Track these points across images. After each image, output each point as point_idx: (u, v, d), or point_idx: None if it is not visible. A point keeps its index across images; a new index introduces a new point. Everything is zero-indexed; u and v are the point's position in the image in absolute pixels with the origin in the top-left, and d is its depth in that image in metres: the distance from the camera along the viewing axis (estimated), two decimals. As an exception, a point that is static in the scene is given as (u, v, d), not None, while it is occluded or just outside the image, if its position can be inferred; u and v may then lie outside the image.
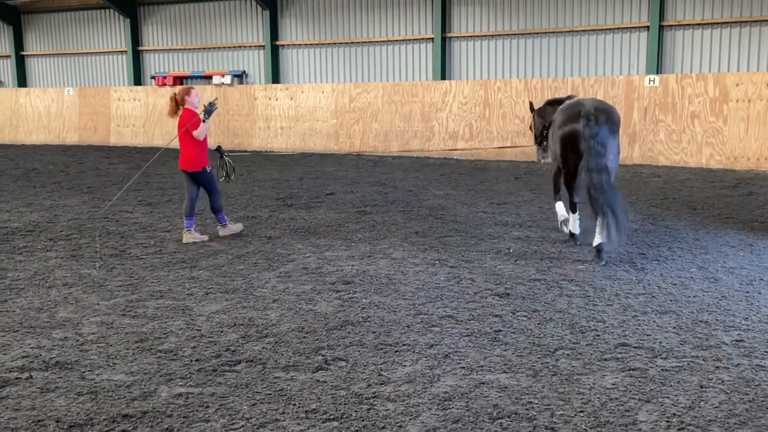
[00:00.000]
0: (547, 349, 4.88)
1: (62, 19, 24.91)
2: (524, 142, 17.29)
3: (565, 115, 7.72)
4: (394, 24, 19.86)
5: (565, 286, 6.40)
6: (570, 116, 7.59)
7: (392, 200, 11.42)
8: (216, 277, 6.81)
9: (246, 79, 22.15)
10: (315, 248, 8.02)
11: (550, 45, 18.07)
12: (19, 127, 24.61)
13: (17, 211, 10.71)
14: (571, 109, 7.72)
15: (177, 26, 22.99)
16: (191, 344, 5.03)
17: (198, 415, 3.94)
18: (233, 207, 10.84)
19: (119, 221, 9.77)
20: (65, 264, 7.38)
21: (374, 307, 5.84)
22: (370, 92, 19.12)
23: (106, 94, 22.94)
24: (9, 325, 5.45)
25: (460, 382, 4.35)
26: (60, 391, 4.25)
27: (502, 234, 8.70)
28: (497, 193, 12.05)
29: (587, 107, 7.43)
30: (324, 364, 4.64)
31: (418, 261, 7.39)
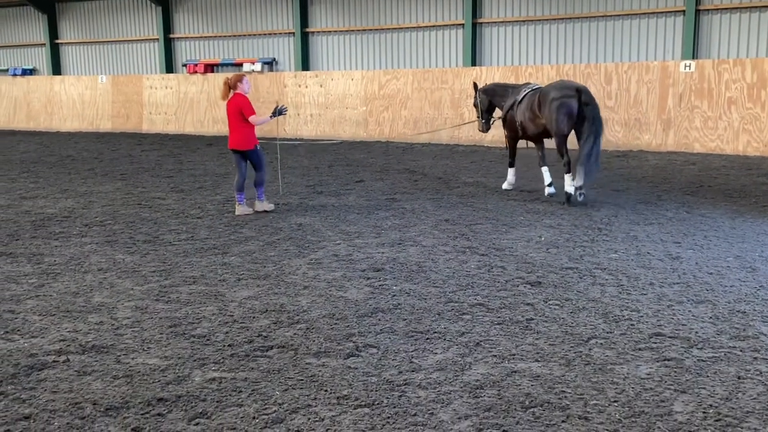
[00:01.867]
0: (580, 338, 4.83)
1: (96, 8, 25.19)
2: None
3: (561, 92, 9.53)
4: (425, 10, 19.72)
5: (598, 275, 6.32)
6: (568, 93, 9.49)
7: (422, 187, 11.38)
8: (247, 264, 6.86)
9: (276, 67, 22.21)
10: (345, 235, 8.03)
11: (583, 30, 17.79)
12: (53, 114, 25.01)
13: (53, 197, 10.89)
14: (563, 89, 9.61)
15: (208, 14, 23.10)
16: (224, 329, 5.07)
17: (231, 399, 3.97)
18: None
19: (152, 207, 9.89)
20: (100, 249, 7.50)
21: (405, 295, 5.83)
22: (400, 79, 19.04)
23: (139, 82, 23.18)
24: (46, 309, 5.55)
25: (491, 370, 4.33)
26: (96, 374, 4.33)
27: (534, 222, 8.63)
28: (528, 181, 11.93)
29: (578, 85, 9.68)
30: (355, 351, 4.65)
31: (449, 248, 7.36)
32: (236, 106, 9.02)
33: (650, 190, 10.92)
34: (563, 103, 9.44)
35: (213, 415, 3.80)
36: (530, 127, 10.12)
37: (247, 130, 9.11)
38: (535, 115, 9.90)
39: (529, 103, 10.08)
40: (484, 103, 11.24)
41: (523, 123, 10.20)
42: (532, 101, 10.01)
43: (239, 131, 9.10)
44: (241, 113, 9.01)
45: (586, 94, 9.45)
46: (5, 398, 4.01)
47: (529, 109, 10.01)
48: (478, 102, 11.29)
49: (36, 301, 5.78)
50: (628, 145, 16.20)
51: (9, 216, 9.36)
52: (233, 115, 9.07)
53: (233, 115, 9.06)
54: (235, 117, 9.06)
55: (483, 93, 11.25)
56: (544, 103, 9.67)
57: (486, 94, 11.21)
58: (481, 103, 11.24)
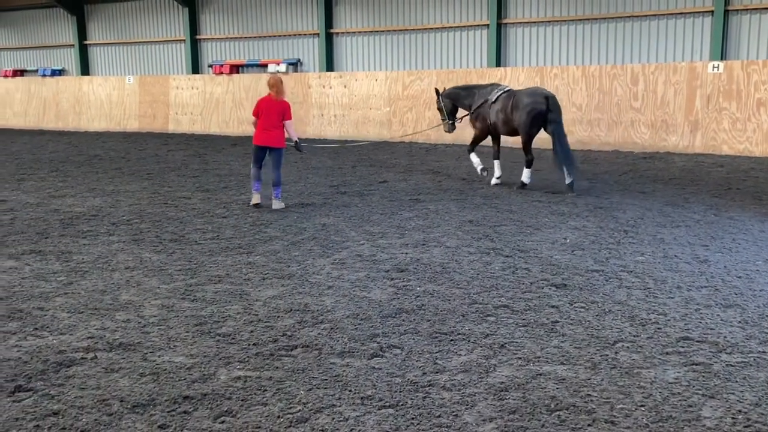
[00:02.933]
0: (606, 342, 4.78)
1: (124, 9, 25.50)
2: (579, 130, 16.98)
3: (533, 99, 10.75)
4: (449, 11, 19.68)
5: (624, 278, 6.26)
6: (535, 99, 10.74)
7: (445, 188, 11.36)
8: (272, 263, 6.89)
9: (300, 67, 22.30)
10: (369, 236, 8.04)
11: (609, 31, 17.64)
12: (82, 114, 25.36)
13: (81, 196, 11.04)
14: (534, 92, 10.93)
15: (234, 15, 23.28)
16: (249, 328, 5.10)
17: (256, 398, 4.00)
18: (288, 194, 10.95)
19: (178, 207, 9.98)
20: (127, 248, 7.58)
21: (428, 296, 5.82)
22: (424, 80, 19.02)
23: (165, 83, 23.43)
24: (75, 307, 5.63)
25: (516, 372, 4.31)
26: (123, 371, 4.38)
27: (558, 224, 8.57)
28: (552, 182, 11.86)
29: (547, 93, 10.95)
30: (379, 351, 4.65)
31: (473, 250, 7.33)
32: (281, 107, 9.65)
33: (677, 192, 10.79)
34: (534, 109, 10.72)
35: (238, 413, 3.82)
36: (501, 127, 11.30)
37: (281, 131, 9.71)
38: (508, 117, 11.09)
39: (503, 105, 11.17)
40: (448, 107, 12.09)
41: (496, 122, 11.32)
42: (505, 105, 11.11)
43: (278, 130, 9.67)
44: (281, 115, 9.64)
45: (553, 101, 10.80)
46: (34, 394, 4.07)
47: (503, 111, 11.15)
48: (441, 106, 12.14)
49: (64, 298, 5.86)
50: (655, 146, 16.03)
51: (38, 214, 9.50)
52: (274, 115, 9.60)
53: (275, 114, 9.60)
54: (276, 117, 9.61)
55: (446, 97, 12.10)
56: (517, 109, 10.91)
57: (449, 98, 12.09)
58: (445, 106, 12.09)
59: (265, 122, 9.58)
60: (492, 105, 11.32)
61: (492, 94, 11.37)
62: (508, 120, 11.07)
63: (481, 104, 11.54)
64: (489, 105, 11.37)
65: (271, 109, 9.57)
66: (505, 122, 11.14)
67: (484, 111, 11.46)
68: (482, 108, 11.50)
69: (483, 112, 11.48)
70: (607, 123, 16.66)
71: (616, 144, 16.52)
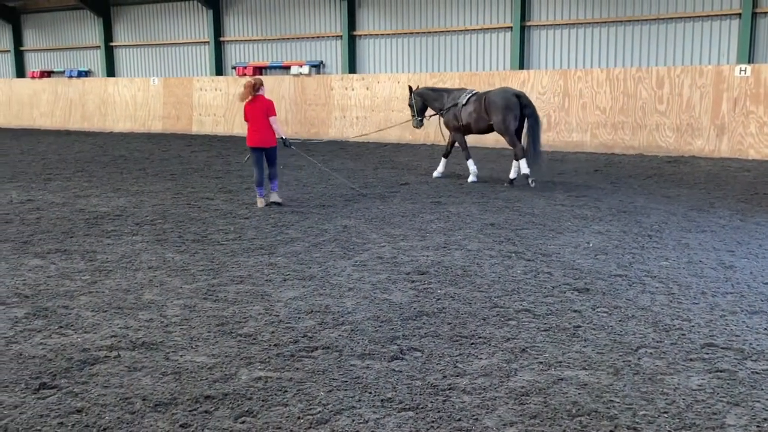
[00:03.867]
0: (628, 347, 4.74)
1: (149, 11, 25.77)
2: (603, 133, 16.84)
3: (505, 97, 11.63)
4: (473, 13, 19.64)
5: (647, 283, 6.19)
6: (507, 97, 11.61)
7: (467, 191, 11.32)
8: (293, 264, 6.92)
9: (323, 69, 22.37)
10: (390, 238, 8.04)
11: (635, 33, 17.48)
12: (107, 115, 25.66)
13: (106, 196, 11.17)
14: (507, 95, 11.68)
15: (257, 17, 23.42)
16: (270, 329, 5.13)
17: (276, 399, 4.01)
18: (309, 195, 10.99)
19: (201, 207, 10.06)
20: (150, 248, 7.65)
21: (449, 299, 5.81)
22: (446, 82, 18.97)
23: (189, 84, 23.63)
24: (99, 306, 5.69)
25: (537, 377, 4.28)
26: (146, 370, 4.42)
27: (581, 227, 8.50)
28: (575, 186, 11.78)
29: (517, 90, 11.91)
30: (399, 354, 4.65)
31: (494, 253, 7.30)
32: (263, 106, 9.77)
33: (703, 196, 10.66)
34: (508, 106, 11.54)
35: (259, 414, 3.84)
36: (473, 125, 12.11)
37: (270, 130, 9.85)
38: (481, 117, 11.92)
39: (475, 106, 12.00)
40: (418, 104, 12.92)
41: (469, 122, 12.12)
42: (478, 106, 11.95)
43: (264, 130, 9.83)
44: (266, 113, 9.76)
45: (525, 97, 11.69)
46: (59, 391, 4.12)
47: (475, 111, 11.98)
48: (412, 103, 12.94)
49: (89, 297, 5.93)
50: (680, 150, 15.85)
51: (64, 214, 9.63)
52: (260, 115, 9.78)
53: (260, 114, 9.78)
54: (262, 117, 9.78)
55: (417, 95, 12.93)
56: (491, 108, 11.71)
57: (420, 96, 12.91)
58: (416, 104, 12.92)
59: (254, 124, 9.87)
60: (463, 107, 12.17)
61: (462, 98, 12.24)
62: (481, 119, 11.91)
63: (450, 107, 12.36)
64: (460, 107, 12.22)
65: (255, 111, 9.82)
66: (477, 121, 12.00)
67: (455, 113, 12.30)
68: (452, 110, 12.33)
69: (454, 114, 12.31)
70: (632, 126, 16.51)
71: (641, 148, 16.37)
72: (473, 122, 12.06)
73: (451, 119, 12.42)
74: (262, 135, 9.84)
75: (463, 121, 12.20)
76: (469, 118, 12.08)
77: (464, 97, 12.24)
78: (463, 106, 12.21)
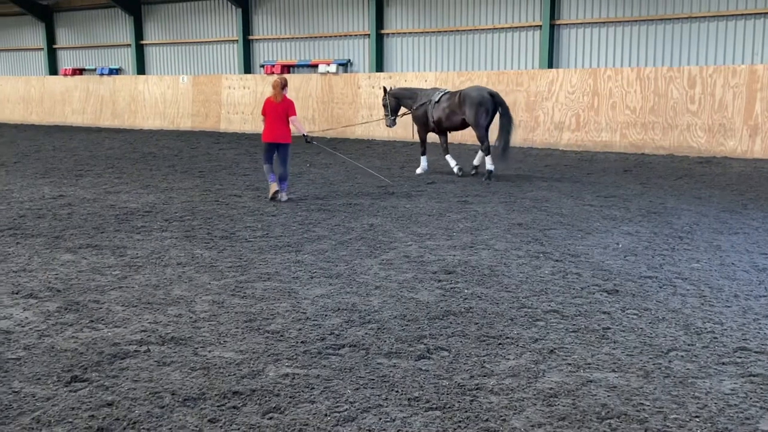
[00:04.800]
0: (659, 350, 4.67)
1: (179, 10, 26.04)
2: (633, 133, 16.64)
3: (479, 94, 12.26)
4: (501, 11, 19.53)
5: (678, 285, 6.11)
6: (480, 95, 12.26)
7: (494, 191, 11.27)
8: (320, 262, 6.94)
9: (350, 68, 22.41)
10: (416, 237, 8.03)
11: (666, 32, 17.24)
12: (137, 112, 25.98)
13: (135, 192, 11.31)
14: (481, 92, 12.35)
15: (286, 16, 23.53)
16: (297, 326, 5.15)
17: (304, 395, 4.02)
18: (336, 194, 11.02)
19: (229, 204, 10.14)
20: (179, 244, 7.73)
21: (476, 298, 5.78)
22: (474, 81, 18.89)
23: (218, 82, 23.82)
24: (129, 301, 5.76)
25: (566, 378, 4.24)
26: (175, 365, 4.46)
27: (610, 228, 8.41)
28: (605, 186, 11.66)
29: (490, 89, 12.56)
30: (426, 353, 4.63)
31: (522, 253, 7.25)
32: (284, 105, 10.26)
33: (735, 198, 10.48)
34: (482, 103, 12.15)
35: (286, 410, 3.85)
36: (446, 122, 12.74)
37: (286, 127, 10.28)
38: (454, 113, 12.52)
39: (448, 104, 12.62)
40: (392, 104, 13.51)
41: (441, 119, 12.74)
42: (451, 103, 12.57)
43: (284, 128, 10.26)
44: (285, 112, 10.22)
45: (498, 96, 12.40)
46: (90, 385, 4.17)
47: (449, 108, 12.59)
48: (387, 103, 13.50)
49: (119, 292, 6.00)
50: (712, 151, 15.60)
51: (95, 209, 9.76)
52: (280, 113, 10.22)
53: (280, 112, 10.21)
54: (281, 115, 10.22)
55: (392, 96, 13.53)
56: (465, 104, 12.30)
57: (394, 97, 13.54)
58: (390, 103, 13.50)
59: (272, 121, 10.24)
60: (436, 104, 12.81)
61: (434, 96, 12.90)
62: (454, 115, 12.55)
63: (423, 104, 13.02)
64: (432, 104, 12.86)
65: (275, 109, 10.22)
66: (449, 116, 12.63)
67: (426, 110, 12.96)
68: (424, 107, 13.00)
69: (425, 111, 12.99)
70: (662, 126, 16.29)
71: (671, 148, 16.15)
72: (445, 118, 12.66)
73: (421, 115, 13.06)
74: (277, 132, 10.22)
75: (435, 118, 12.81)
76: (442, 114, 12.69)
77: (437, 95, 12.87)
78: (435, 103, 12.82)
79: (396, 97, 13.53)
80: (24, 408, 3.88)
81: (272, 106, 10.26)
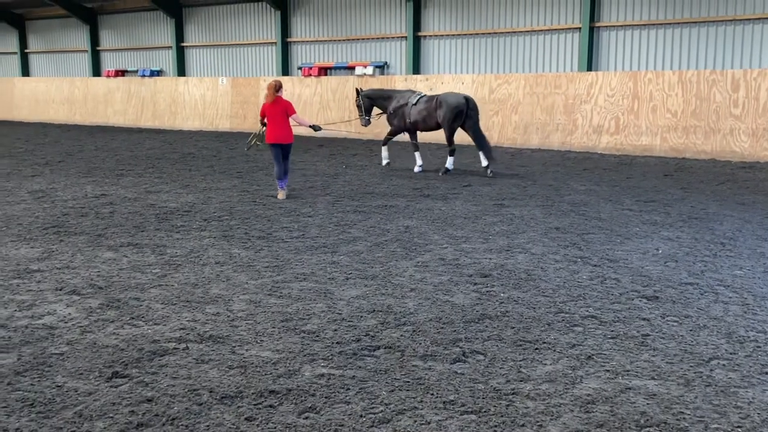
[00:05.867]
0: (700, 358, 4.58)
1: (219, 12, 26.37)
2: (674, 137, 16.36)
3: (456, 100, 13.17)
4: (540, 13, 19.37)
5: (720, 292, 5.98)
6: (457, 100, 13.17)
7: (531, 194, 11.18)
8: (355, 263, 6.96)
9: (387, 70, 22.44)
10: (452, 239, 8.00)
11: (709, 34, 16.91)
12: (177, 113, 26.38)
13: (175, 192, 11.48)
14: (454, 96, 13.35)
15: (323, 18, 23.67)
16: (332, 327, 5.17)
17: (339, 396, 4.04)
18: (371, 195, 11.04)
19: (266, 205, 10.23)
20: (217, 243, 7.83)
21: (513, 302, 5.74)
22: (511, 83, 18.79)
23: (256, 84, 24.06)
24: (168, 299, 5.85)
25: (604, 385, 4.19)
26: (213, 363, 4.52)
27: (650, 233, 8.28)
28: (644, 190, 11.48)
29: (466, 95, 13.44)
30: (462, 357, 4.62)
31: (559, 257, 7.18)
32: (282, 107, 10.60)
33: (780, 204, 10.23)
34: (457, 107, 13.08)
35: (322, 410, 3.88)
36: (421, 123, 13.56)
37: (288, 128, 10.70)
38: (431, 115, 13.36)
39: (426, 107, 13.45)
40: (366, 104, 14.10)
41: (417, 120, 13.55)
42: (429, 106, 13.41)
43: (285, 128, 10.65)
44: (285, 112, 10.59)
45: (472, 102, 13.31)
46: (130, 381, 4.25)
47: (426, 110, 13.43)
48: (360, 103, 14.04)
49: (159, 290, 6.10)
50: (755, 156, 15.26)
51: (136, 208, 9.94)
52: (279, 115, 10.58)
53: (280, 114, 10.57)
54: (281, 116, 10.58)
55: (365, 97, 14.12)
56: (441, 108, 13.19)
57: (368, 98, 14.15)
58: (364, 104, 14.07)
59: (273, 123, 10.65)
60: (413, 107, 13.59)
61: (412, 98, 13.67)
62: (430, 117, 13.36)
63: (400, 106, 13.74)
64: (410, 107, 13.62)
65: (274, 111, 10.62)
66: (425, 120, 13.46)
67: (404, 111, 13.68)
68: (402, 109, 13.71)
69: (402, 112, 13.70)
70: (704, 130, 15.99)
71: (713, 153, 15.83)
72: (422, 120, 13.49)
73: (397, 116, 13.78)
74: (280, 132, 10.62)
75: (412, 119, 13.60)
76: (418, 116, 13.51)
77: (415, 98, 13.66)
78: (413, 105, 13.61)
79: (370, 98, 14.09)
80: (67, 402, 3.97)
81: (271, 109, 10.64)
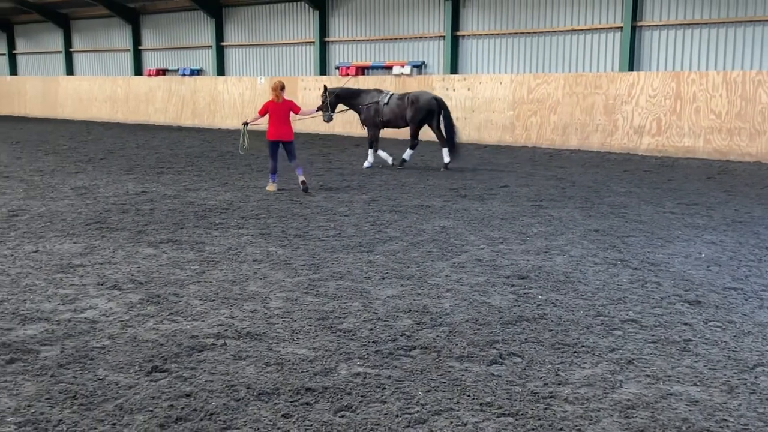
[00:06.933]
0: (744, 365, 4.47)
1: (258, 12, 26.63)
2: (718, 139, 16.03)
3: (426, 99, 13.97)
4: (581, 13, 19.14)
5: (765, 298, 5.83)
6: (429, 100, 13.96)
7: (570, 195, 11.04)
8: (391, 263, 6.95)
9: (425, 70, 22.40)
10: (488, 240, 7.95)
11: (755, 34, 16.51)
12: (216, 112, 26.71)
13: (214, 190, 11.62)
14: (426, 95, 14.20)
15: (361, 18, 23.73)
16: (368, 326, 5.17)
17: (375, 395, 4.04)
18: (407, 195, 11.03)
19: (303, 204, 10.29)
20: (255, 241, 7.89)
21: (551, 305, 5.67)
22: (551, 83, 18.59)
23: (294, 83, 24.22)
24: (206, 295, 5.92)
25: (644, 390, 4.11)
26: (250, 359, 4.55)
27: (693, 237, 8.11)
28: (687, 193, 11.26)
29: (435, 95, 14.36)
30: (499, 358, 4.58)
31: (598, 260, 7.08)
32: (286, 106, 11.20)
33: (828, 208, 9.94)
34: (428, 106, 13.84)
35: (357, 409, 3.88)
36: (393, 121, 14.18)
37: (289, 126, 11.26)
38: (402, 113, 13.99)
39: (398, 104, 14.08)
40: (331, 100, 14.42)
41: (390, 119, 14.15)
42: (400, 104, 14.05)
43: (287, 126, 11.23)
44: (290, 111, 11.21)
45: (441, 101, 14.09)
46: (170, 375, 4.31)
47: (398, 108, 14.05)
48: (326, 100, 14.32)
49: (197, 286, 6.17)
50: (803, 158, 14.86)
51: (175, 206, 10.08)
52: (283, 113, 11.16)
53: (283, 113, 11.15)
54: (284, 115, 11.17)
55: (334, 95, 14.47)
56: (412, 106, 13.85)
57: (336, 95, 14.50)
58: (330, 100, 14.39)
59: (276, 121, 11.14)
60: (385, 105, 14.12)
61: (383, 97, 14.22)
62: (402, 115, 14.01)
63: (371, 104, 14.22)
64: (382, 105, 14.13)
65: (278, 110, 11.13)
66: (396, 117, 14.08)
67: (376, 109, 14.19)
68: (373, 107, 14.21)
69: (375, 110, 14.20)
70: (749, 132, 15.62)
71: (759, 155, 15.45)
72: (393, 118, 14.09)
73: (371, 115, 14.23)
74: (281, 131, 11.18)
75: (385, 118, 14.16)
76: (391, 114, 14.09)
77: (385, 97, 14.21)
78: (385, 104, 14.14)
79: (337, 96, 14.46)
80: (108, 395, 4.03)
81: (275, 108, 11.10)
